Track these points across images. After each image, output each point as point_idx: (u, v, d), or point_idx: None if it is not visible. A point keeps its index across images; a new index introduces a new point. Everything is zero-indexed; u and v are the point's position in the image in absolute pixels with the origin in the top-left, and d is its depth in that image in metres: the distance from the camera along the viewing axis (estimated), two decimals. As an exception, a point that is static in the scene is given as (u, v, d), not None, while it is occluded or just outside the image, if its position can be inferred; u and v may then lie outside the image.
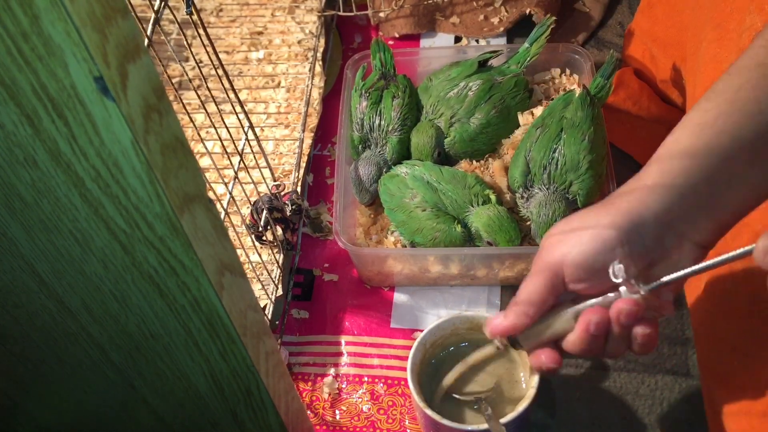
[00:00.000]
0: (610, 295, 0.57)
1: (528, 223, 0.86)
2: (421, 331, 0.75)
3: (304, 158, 0.97)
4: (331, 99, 1.05)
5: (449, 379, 0.72)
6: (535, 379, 0.70)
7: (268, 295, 0.84)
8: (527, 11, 1.08)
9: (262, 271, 0.87)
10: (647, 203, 0.56)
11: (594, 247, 0.56)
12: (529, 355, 0.61)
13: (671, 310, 0.57)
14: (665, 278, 0.55)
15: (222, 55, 1.07)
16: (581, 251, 0.56)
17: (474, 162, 0.92)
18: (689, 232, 0.56)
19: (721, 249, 0.55)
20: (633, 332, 0.57)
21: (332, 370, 0.85)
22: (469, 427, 0.68)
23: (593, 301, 0.57)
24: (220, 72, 0.72)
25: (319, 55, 1.05)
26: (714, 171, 0.55)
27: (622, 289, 0.55)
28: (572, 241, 0.57)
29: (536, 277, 0.59)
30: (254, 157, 0.84)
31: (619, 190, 0.59)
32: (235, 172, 0.78)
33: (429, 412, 0.69)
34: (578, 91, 0.87)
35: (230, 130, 0.72)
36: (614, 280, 0.55)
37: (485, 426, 0.68)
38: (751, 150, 0.55)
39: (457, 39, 1.12)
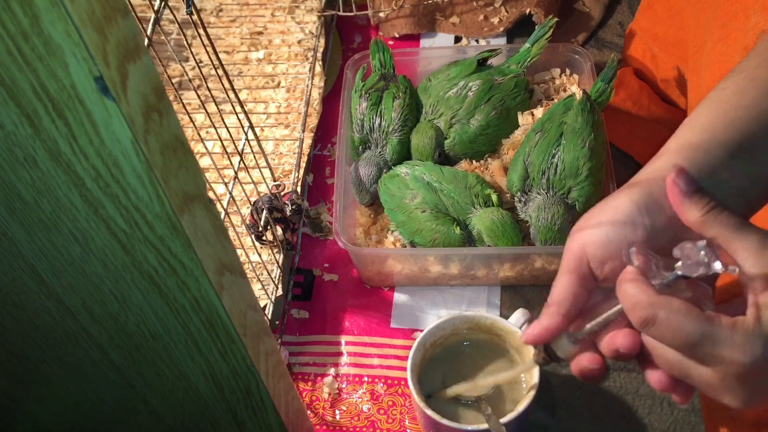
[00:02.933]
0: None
1: (528, 225, 0.85)
2: (421, 331, 0.75)
3: (304, 158, 0.97)
4: (331, 99, 1.05)
5: (464, 388, 0.71)
6: (535, 380, 0.70)
7: (268, 295, 0.84)
8: (527, 11, 1.08)
9: (262, 271, 0.87)
10: (664, 173, 0.53)
11: (613, 223, 0.53)
12: (571, 364, 0.56)
13: (711, 303, 0.51)
14: (681, 271, 0.49)
15: (222, 55, 1.07)
16: (601, 230, 0.54)
17: (474, 162, 0.92)
18: None
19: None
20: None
21: (332, 370, 0.85)
22: (469, 427, 0.68)
23: (617, 308, 0.53)
24: (220, 72, 0.72)
25: (319, 55, 1.05)
26: (733, 144, 0.53)
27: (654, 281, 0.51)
28: (592, 224, 0.55)
29: (563, 273, 0.55)
30: (254, 157, 0.84)
31: (642, 169, 0.57)
32: (235, 172, 0.78)
33: (429, 411, 0.69)
34: (578, 96, 0.86)
35: (230, 130, 0.72)
36: (633, 264, 0.51)
37: (485, 426, 0.68)
38: None
39: (457, 39, 1.12)
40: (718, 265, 0.47)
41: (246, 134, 0.80)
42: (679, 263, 0.49)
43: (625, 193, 0.54)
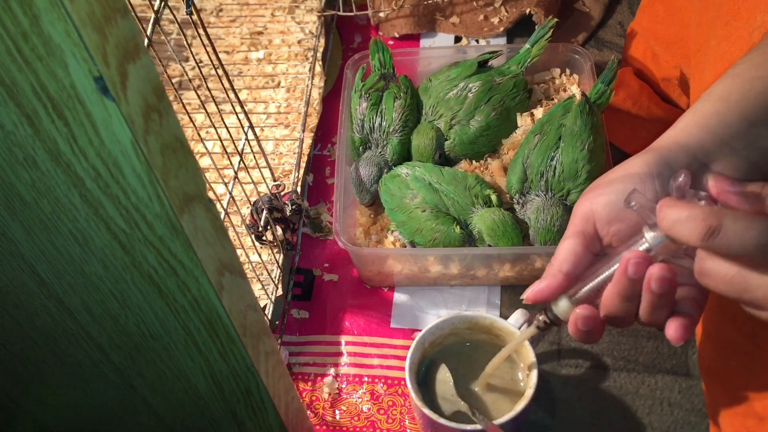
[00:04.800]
0: (642, 238, 0.52)
1: (527, 225, 0.85)
2: (421, 331, 0.75)
3: (304, 158, 0.97)
4: (331, 99, 1.05)
5: (492, 365, 0.70)
6: (534, 380, 0.70)
7: (268, 295, 0.84)
8: (527, 11, 1.08)
9: (262, 271, 0.87)
10: (678, 140, 0.54)
11: (623, 181, 0.53)
12: (569, 323, 0.56)
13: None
14: None
15: (222, 55, 1.07)
16: (611, 190, 0.54)
17: (474, 162, 0.92)
18: (725, 171, 0.53)
19: None
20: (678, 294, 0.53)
21: (332, 370, 0.85)
22: (468, 427, 0.68)
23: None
24: (220, 72, 0.72)
25: (319, 55, 1.05)
26: (747, 112, 0.53)
27: (647, 233, 0.51)
28: (603, 182, 0.55)
29: (568, 233, 0.55)
30: (254, 157, 0.84)
31: (655, 141, 0.57)
32: (235, 172, 0.78)
33: (427, 411, 0.69)
34: (577, 98, 0.86)
35: (230, 130, 0.72)
36: (632, 207, 0.51)
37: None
38: None
39: (457, 39, 1.12)
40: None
41: (246, 134, 0.80)
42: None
43: (640, 157, 0.54)
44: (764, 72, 0.54)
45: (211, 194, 0.46)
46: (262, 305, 0.83)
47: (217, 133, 0.72)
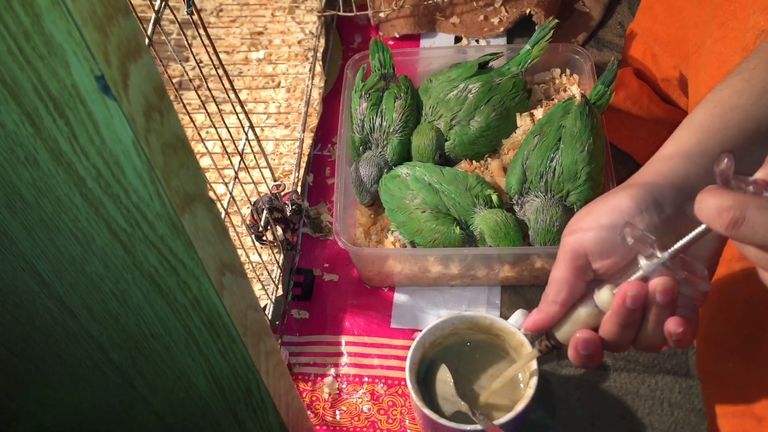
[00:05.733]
0: (639, 268, 0.53)
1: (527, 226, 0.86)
2: (421, 331, 0.75)
3: (304, 158, 0.97)
4: (331, 99, 1.05)
5: (498, 383, 0.71)
6: (534, 380, 0.70)
7: (268, 295, 0.84)
8: (527, 11, 1.08)
9: (262, 271, 0.87)
10: (663, 172, 0.55)
11: (611, 218, 0.54)
12: (569, 347, 0.58)
13: (705, 283, 0.53)
14: (680, 242, 0.52)
15: (222, 55, 1.07)
16: (599, 224, 0.55)
17: (474, 162, 0.92)
18: None
19: None
20: (666, 327, 0.54)
21: (332, 370, 0.85)
22: (468, 427, 0.68)
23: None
24: (221, 72, 0.72)
25: (319, 55, 1.05)
26: (729, 144, 0.54)
27: (643, 262, 0.53)
28: (590, 216, 0.56)
29: (560, 263, 0.57)
30: (254, 157, 0.84)
31: (639, 170, 0.57)
32: (236, 172, 0.78)
33: (427, 411, 0.69)
34: (577, 100, 0.86)
35: (230, 130, 0.72)
36: (628, 242, 0.52)
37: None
38: (766, 123, 0.54)
39: (457, 39, 1.13)
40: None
41: (246, 134, 0.80)
42: (680, 243, 0.51)
43: (626, 193, 0.55)
44: (745, 101, 0.55)
45: (211, 194, 0.46)
46: (262, 305, 0.83)
47: (217, 133, 0.72)
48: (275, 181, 0.91)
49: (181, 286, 0.46)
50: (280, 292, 0.85)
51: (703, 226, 0.50)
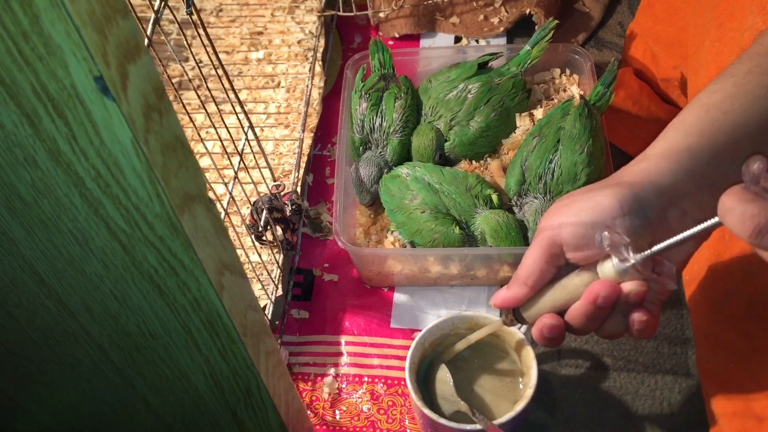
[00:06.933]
0: (608, 263, 0.55)
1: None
2: (421, 331, 0.75)
3: (304, 158, 0.97)
4: (331, 99, 1.05)
5: (449, 353, 0.72)
6: (534, 380, 0.70)
7: (268, 295, 0.84)
8: (527, 11, 1.08)
9: (262, 271, 0.88)
10: (650, 176, 0.55)
11: (592, 215, 0.55)
12: (533, 328, 0.60)
13: (672, 282, 0.54)
14: (656, 247, 0.53)
15: (222, 55, 1.07)
16: (579, 220, 0.55)
17: (473, 162, 0.92)
18: (692, 209, 0.55)
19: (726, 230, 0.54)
20: (631, 318, 0.56)
21: (332, 370, 0.85)
22: (468, 427, 0.68)
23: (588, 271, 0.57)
24: (220, 72, 0.72)
25: (319, 55, 1.05)
26: (719, 150, 0.54)
27: (616, 263, 0.54)
28: (571, 210, 0.56)
29: (534, 247, 0.58)
30: (254, 157, 0.84)
31: (625, 166, 0.58)
32: (235, 172, 0.78)
33: (427, 411, 0.69)
34: (576, 101, 0.86)
35: (230, 130, 0.72)
36: (602, 248, 0.54)
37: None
38: (756, 132, 0.55)
39: (457, 39, 1.13)
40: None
41: (246, 134, 0.80)
42: (654, 248, 0.53)
43: (611, 191, 0.55)
44: (737, 107, 0.55)
45: (211, 194, 0.46)
46: (262, 305, 0.83)
47: (217, 133, 0.72)
48: (275, 181, 0.91)
49: (180, 286, 0.46)
50: (279, 292, 0.85)
51: (678, 237, 0.52)
